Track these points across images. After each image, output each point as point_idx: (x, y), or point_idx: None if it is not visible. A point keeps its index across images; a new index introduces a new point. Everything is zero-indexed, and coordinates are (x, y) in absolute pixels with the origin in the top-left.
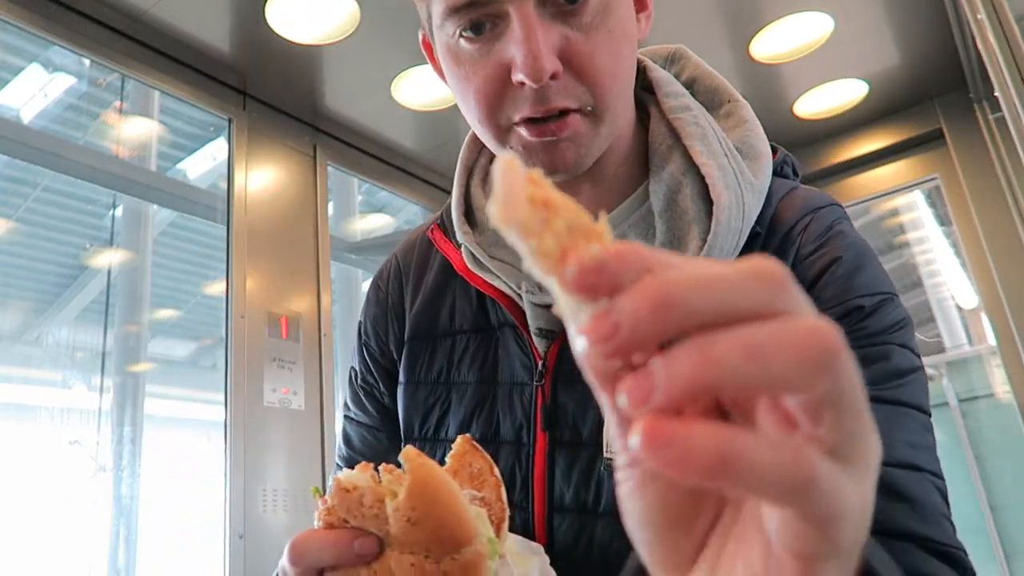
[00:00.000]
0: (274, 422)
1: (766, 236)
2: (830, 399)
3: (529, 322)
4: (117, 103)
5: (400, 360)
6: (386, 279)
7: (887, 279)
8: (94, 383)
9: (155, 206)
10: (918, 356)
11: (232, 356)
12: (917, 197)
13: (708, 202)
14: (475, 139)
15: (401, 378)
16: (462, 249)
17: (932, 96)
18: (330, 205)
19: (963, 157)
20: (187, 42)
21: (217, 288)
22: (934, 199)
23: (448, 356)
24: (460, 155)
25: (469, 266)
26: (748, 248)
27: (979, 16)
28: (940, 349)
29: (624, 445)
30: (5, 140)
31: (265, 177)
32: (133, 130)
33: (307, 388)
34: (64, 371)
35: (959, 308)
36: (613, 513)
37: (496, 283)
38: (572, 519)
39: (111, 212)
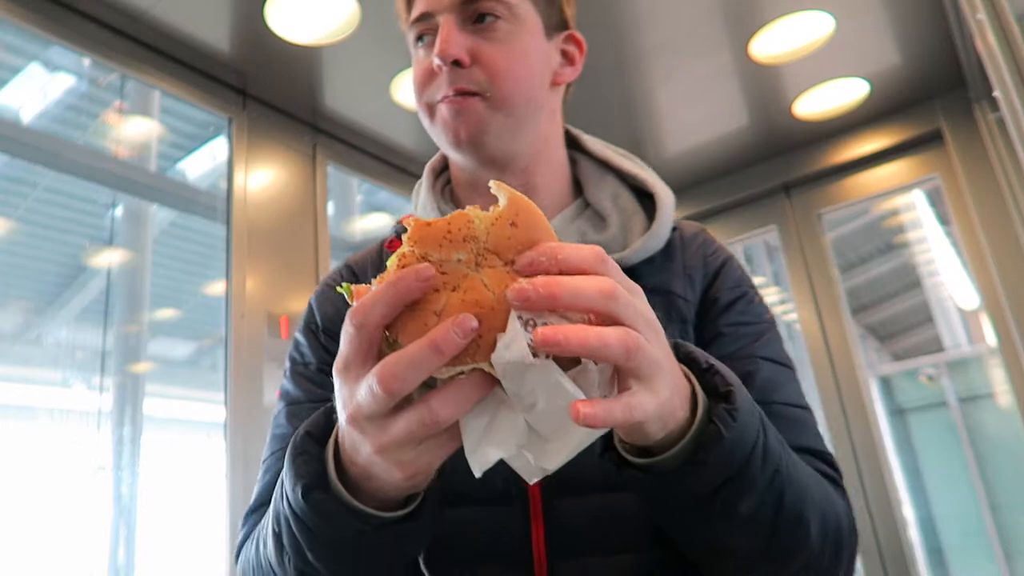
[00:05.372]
0: None
1: (680, 236)
2: (619, 316)
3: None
4: (117, 103)
5: None
6: (341, 280)
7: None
8: (94, 383)
9: (155, 206)
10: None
11: (232, 356)
12: (917, 197)
13: (639, 204)
14: (439, 161)
15: None
16: None
17: (932, 96)
18: (330, 205)
19: (963, 157)
20: (187, 42)
21: (217, 288)
22: (934, 199)
23: None
24: (427, 179)
25: None
26: (671, 239)
27: (978, 16)
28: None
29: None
30: (5, 140)
31: (265, 177)
32: (133, 130)
33: None
34: (64, 371)
35: (959, 308)
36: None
37: None
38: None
39: (111, 212)
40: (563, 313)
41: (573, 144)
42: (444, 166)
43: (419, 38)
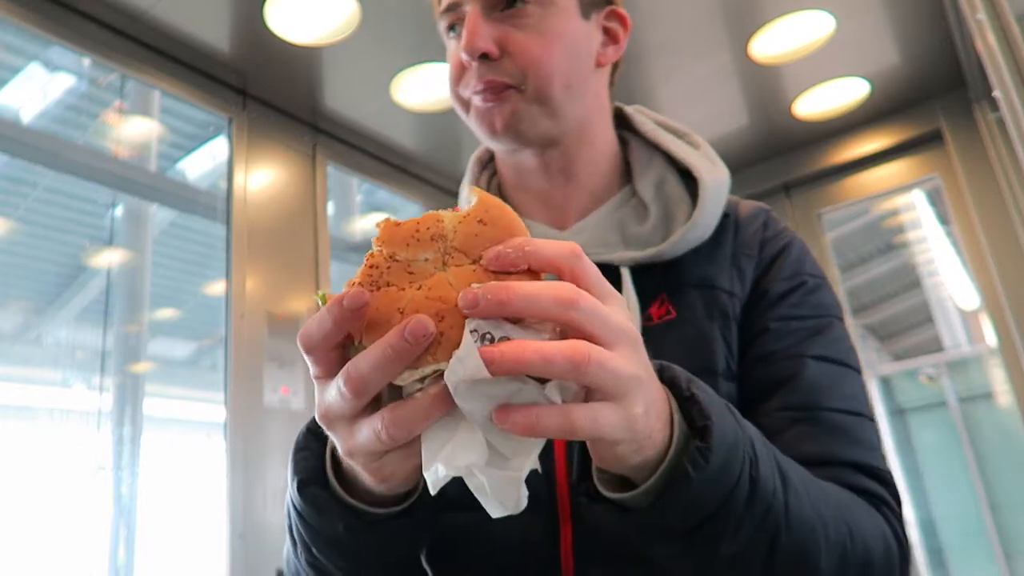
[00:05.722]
0: (274, 422)
1: (734, 220)
2: (580, 324)
3: None
4: (117, 103)
5: None
6: None
7: (820, 267)
8: (94, 383)
9: (155, 206)
10: (845, 327)
11: (232, 356)
12: (917, 197)
13: (687, 190)
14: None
15: None
16: None
17: (932, 96)
18: (330, 205)
19: (963, 157)
20: (187, 42)
21: (217, 288)
22: (934, 199)
23: None
24: (470, 173)
25: None
26: (722, 225)
27: (978, 16)
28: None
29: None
30: (5, 140)
31: (265, 177)
32: (133, 130)
33: (307, 388)
34: (64, 371)
35: (959, 308)
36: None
37: None
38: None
39: (111, 212)
40: (527, 325)
41: (626, 124)
42: (490, 157)
43: (451, 28)
